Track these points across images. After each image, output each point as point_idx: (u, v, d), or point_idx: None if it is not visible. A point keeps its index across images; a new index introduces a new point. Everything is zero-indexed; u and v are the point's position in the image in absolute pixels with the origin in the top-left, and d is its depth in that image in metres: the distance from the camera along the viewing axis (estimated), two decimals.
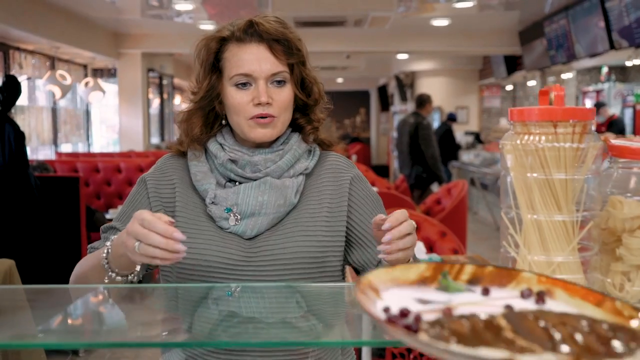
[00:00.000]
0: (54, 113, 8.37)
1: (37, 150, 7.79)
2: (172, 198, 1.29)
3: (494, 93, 12.20)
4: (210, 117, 1.32)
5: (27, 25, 6.48)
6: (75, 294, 1.15)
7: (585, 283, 0.90)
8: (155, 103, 10.76)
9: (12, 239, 4.07)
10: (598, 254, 0.95)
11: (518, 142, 0.92)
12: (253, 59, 1.24)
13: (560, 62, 7.62)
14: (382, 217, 1.06)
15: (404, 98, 13.47)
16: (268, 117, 1.25)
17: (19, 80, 4.32)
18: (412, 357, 2.42)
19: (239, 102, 1.25)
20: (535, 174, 0.91)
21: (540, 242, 0.91)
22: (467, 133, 11.61)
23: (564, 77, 9.21)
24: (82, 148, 9.43)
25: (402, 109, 13.36)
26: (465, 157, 10.27)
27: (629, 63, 8.28)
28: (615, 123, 7.76)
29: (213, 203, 1.25)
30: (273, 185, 1.25)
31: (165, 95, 11.37)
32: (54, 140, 8.36)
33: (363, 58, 12.12)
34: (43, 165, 5.04)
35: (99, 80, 8.79)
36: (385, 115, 17.18)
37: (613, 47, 6.21)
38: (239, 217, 1.24)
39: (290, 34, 1.27)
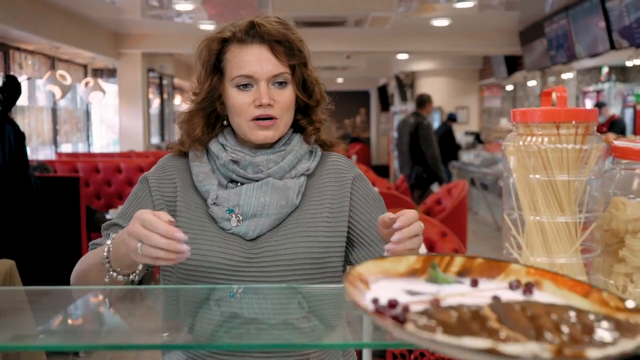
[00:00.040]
0: (54, 113, 8.36)
1: (37, 151, 7.79)
2: (173, 197, 1.29)
3: (494, 93, 12.20)
4: (212, 117, 1.31)
5: (27, 26, 6.48)
6: (77, 296, 1.15)
7: None
8: (156, 103, 10.75)
9: (12, 240, 4.07)
10: (601, 256, 0.94)
11: (521, 143, 0.92)
12: (254, 60, 1.24)
13: (561, 62, 7.62)
14: (390, 215, 1.06)
15: (404, 98, 13.47)
16: (269, 119, 1.25)
17: (19, 81, 4.32)
18: (412, 357, 2.41)
19: (240, 103, 1.25)
20: (538, 176, 0.91)
21: (543, 243, 0.91)
22: (467, 133, 11.61)
23: (564, 77, 9.21)
24: (82, 148, 9.42)
25: (402, 109, 13.35)
26: (466, 157, 10.26)
27: (630, 63, 8.28)
28: (616, 123, 7.76)
29: (215, 204, 1.25)
30: (275, 187, 1.25)
31: (166, 96, 11.37)
32: (54, 141, 8.36)
33: (363, 58, 12.11)
34: (43, 166, 5.04)
35: (99, 81, 8.79)
36: (386, 116, 17.18)
37: (613, 47, 6.20)
38: (241, 218, 1.24)
39: (292, 35, 1.27)
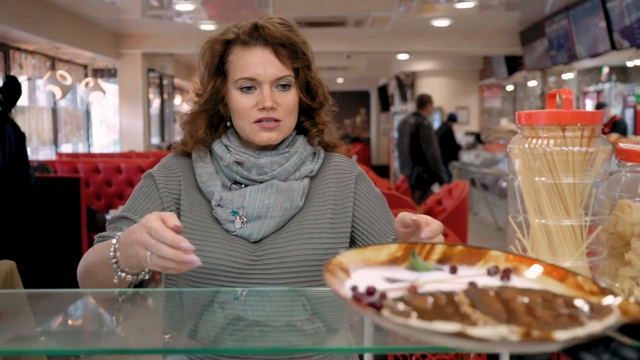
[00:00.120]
0: (54, 113, 8.36)
1: (37, 151, 7.79)
2: (178, 195, 1.28)
3: (495, 93, 12.19)
4: (215, 119, 1.31)
5: (27, 26, 6.48)
6: (78, 298, 1.14)
7: None
8: (156, 103, 10.75)
9: (12, 240, 4.07)
10: (607, 259, 0.94)
11: (526, 145, 0.91)
12: (258, 63, 1.23)
13: (561, 62, 7.61)
14: (412, 217, 1.04)
15: (405, 98, 13.46)
16: (273, 121, 1.24)
17: (19, 81, 4.32)
18: (413, 358, 2.41)
19: (244, 106, 1.25)
20: (544, 178, 0.90)
21: (549, 246, 0.91)
22: (467, 133, 11.60)
23: (565, 77, 9.20)
24: (82, 148, 9.42)
25: (402, 109, 13.35)
26: (466, 157, 10.25)
27: (630, 63, 8.28)
28: (619, 124, 7.74)
29: (219, 205, 1.24)
30: (279, 189, 1.25)
31: (166, 96, 11.36)
32: (54, 141, 8.35)
33: (363, 58, 12.11)
34: (43, 166, 5.04)
35: (99, 81, 8.78)
36: (386, 116, 17.17)
37: (614, 47, 6.20)
38: (245, 220, 1.23)
39: (296, 38, 1.26)
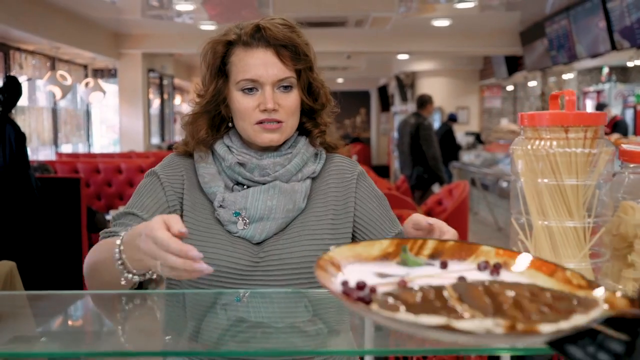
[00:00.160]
0: (55, 113, 8.36)
1: (37, 151, 7.79)
2: (181, 194, 1.27)
3: (495, 93, 12.19)
4: (216, 120, 1.30)
5: (27, 26, 6.47)
6: (79, 300, 1.14)
7: None
8: (156, 103, 10.75)
9: (13, 241, 4.06)
10: (609, 261, 0.94)
11: (529, 147, 0.91)
12: (260, 64, 1.23)
13: (562, 62, 7.61)
14: (429, 220, 1.06)
15: (405, 98, 13.46)
16: (275, 122, 1.24)
17: (20, 81, 4.32)
18: (415, 359, 2.40)
19: (245, 107, 1.24)
20: (546, 180, 0.90)
21: (551, 248, 0.91)
22: (467, 133, 11.59)
23: (565, 77, 9.20)
24: (82, 148, 9.42)
25: (402, 109, 13.35)
26: (466, 157, 10.25)
27: (630, 64, 8.27)
28: (620, 124, 7.73)
29: (221, 206, 1.24)
30: (282, 190, 1.24)
31: (166, 96, 11.36)
32: (55, 141, 8.35)
33: (364, 58, 12.10)
34: (44, 166, 5.04)
35: (100, 81, 8.78)
36: (386, 116, 17.17)
37: (614, 47, 6.19)
38: (247, 221, 1.23)
39: (298, 39, 1.26)
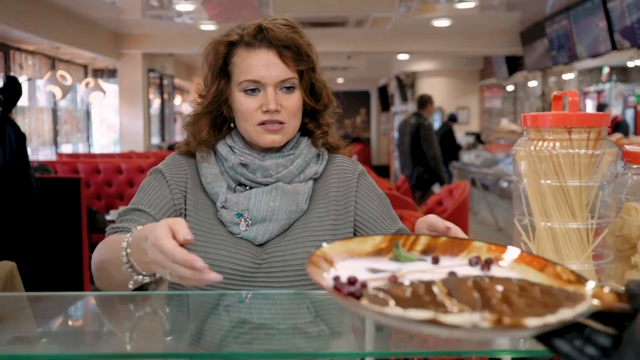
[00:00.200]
0: (55, 113, 8.36)
1: (37, 151, 7.78)
2: (185, 192, 1.27)
3: (495, 93, 12.18)
4: (218, 120, 1.30)
5: (27, 26, 6.47)
6: (81, 301, 1.14)
7: None
8: (156, 103, 10.74)
9: (13, 241, 4.06)
10: (613, 262, 0.93)
11: (532, 148, 0.91)
12: (262, 65, 1.23)
13: (562, 62, 7.60)
14: (447, 224, 1.06)
15: (405, 98, 13.46)
16: (277, 123, 1.23)
17: (20, 81, 4.31)
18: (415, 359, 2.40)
19: (247, 108, 1.24)
20: (549, 181, 0.90)
21: (554, 249, 0.90)
22: (467, 133, 11.59)
23: (565, 77, 9.19)
24: (82, 148, 9.41)
25: (402, 109, 13.34)
26: (466, 157, 10.24)
27: (631, 64, 8.27)
28: (621, 125, 7.73)
29: (224, 207, 1.23)
30: (285, 191, 1.24)
31: (166, 96, 11.36)
32: (55, 141, 8.35)
33: (364, 58, 12.10)
34: (44, 167, 5.03)
35: (100, 81, 8.77)
36: (386, 116, 17.17)
37: (615, 47, 6.19)
38: (250, 222, 1.23)
39: (301, 40, 1.25)
